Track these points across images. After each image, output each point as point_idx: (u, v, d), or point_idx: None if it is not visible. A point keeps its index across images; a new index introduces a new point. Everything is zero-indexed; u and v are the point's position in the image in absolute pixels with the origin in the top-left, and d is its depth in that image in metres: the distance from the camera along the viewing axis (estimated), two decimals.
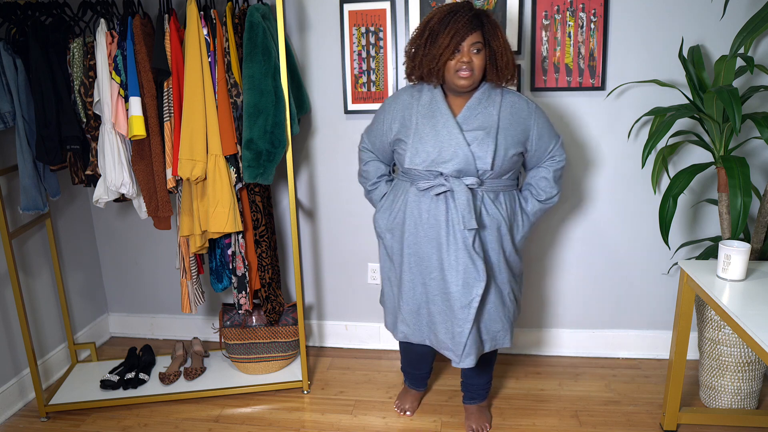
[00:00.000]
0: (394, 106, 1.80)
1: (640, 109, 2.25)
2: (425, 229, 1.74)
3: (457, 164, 1.67)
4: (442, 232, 1.71)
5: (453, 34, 1.59)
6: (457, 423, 2.11)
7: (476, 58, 1.63)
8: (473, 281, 1.70)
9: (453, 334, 1.75)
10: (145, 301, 2.83)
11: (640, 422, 2.08)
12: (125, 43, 1.95)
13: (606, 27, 2.17)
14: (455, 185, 1.67)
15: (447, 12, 1.62)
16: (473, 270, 1.69)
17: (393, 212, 1.83)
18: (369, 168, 1.94)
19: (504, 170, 1.72)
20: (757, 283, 1.68)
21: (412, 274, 1.80)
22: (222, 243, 2.26)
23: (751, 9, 2.10)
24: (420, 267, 1.78)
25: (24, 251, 2.34)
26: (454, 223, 1.68)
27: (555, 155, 1.81)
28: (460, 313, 1.72)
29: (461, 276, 1.70)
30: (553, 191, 1.82)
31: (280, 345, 2.38)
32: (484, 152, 1.66)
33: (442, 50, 1.61)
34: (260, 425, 2.13)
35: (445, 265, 1.72)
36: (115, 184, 2.03)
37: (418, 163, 1.70)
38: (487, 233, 1.74)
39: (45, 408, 2.19)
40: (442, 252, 1.72)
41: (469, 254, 1.68)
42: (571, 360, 2.53)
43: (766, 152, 2.26)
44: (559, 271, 2.49)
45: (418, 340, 1.87)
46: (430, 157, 1.69)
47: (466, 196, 1.67)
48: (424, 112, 1.72)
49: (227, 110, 2.02)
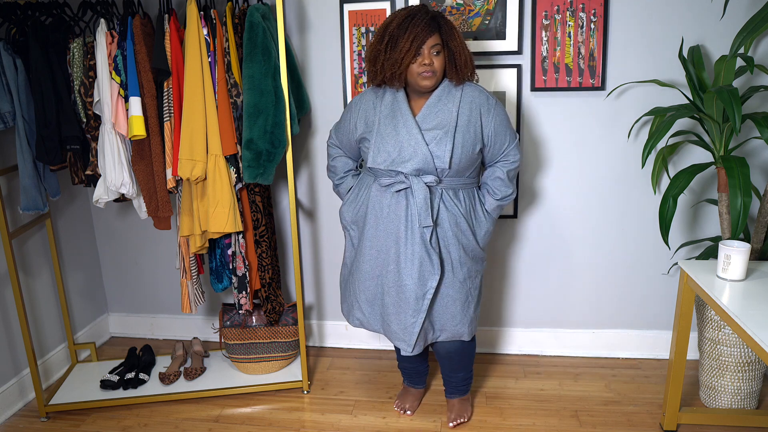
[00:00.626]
0: (359, 105, 1.86)
1: (640, 109, 2.25)
2: (385, 224, 1.80)
3: (416, 163, 1.72)
4: (401, 227, 1.77)
5: (413, 38, 1.64)
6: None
7: (436, 60, 1.68)
8: (428, 274, 1.77)
9: (405, 325, 1.82)
10: (145, 301, 2.83)
11: (640, 422, 2.08)
12: (125, 43, 1.95)
13: (606, 27, 2.17)
14: (414, 183, 1.73)
15: (405, 16, 1.67)
16: (428, 264, 1.76)
17: (357, 205, 1.90)
18: (336, 163, 2.00)
19: (463, 168, 1.77)
20: (757, 283, 1.68)
21: (370, 265, 1.86)
22: (222, 243, 2.26)
23: (751, 9, 2.10)
24: (378, 259, 1.84)
25: (24, 251, 2.34)
26: (413, 219, 1.74)
27: (509, 155, 1.83)
28: (414, 304, 1.79)
29: (416, 269, 1.76)
30: (508, 190, 1.85)
31: (280, 345, 2.38)
32: (442, 152, 1.71)
33: (403, 54, 1.66)
34: (260, 425, 2.13)
35: (401, 258, 1.78)
36: (115, 184, 2.03)
37: (379, 162, 1.76)
38: (446, 229, 1.79)
39: (45, 408, 2.19)
40: (399, 246, 1.78)
41: (426, 249, 1.75)
42: (571, 360, 2.53)
43: (766, 152, 2.26)
44: (559, 272, 2.49)
45: (372, 329, 1.94)
46: (391, 156, 1.75)
47: (423, 194, 1.73)
48: (386, 112, 1.78)
49: (227, 110, 2.02)
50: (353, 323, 1.97)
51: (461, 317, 1.86)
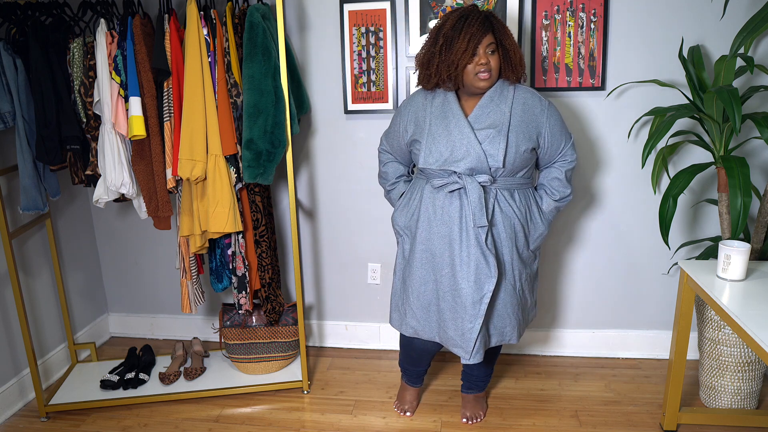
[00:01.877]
0: (408, 108, 1.85)
1: (640, 109, 2.25)
2: (438, 226, 1.77)
3: (469, 162, 1.70)
4: (455, 229, 1.74)
5: (469, 38, 1.63)
6: (457, 423, 2.11)
7: (492, 59, 1.67)
8: (485, 278, 1.73)
9: (463, 331, 1.77)
10: (145, 301, 2.83)
11: (640, 422, 2.08)
12: (125, 43, 1.95)
13: (606, 27, 2.17)
14: (468, 183, 1.71)
15: (458, 17, 1.66)
16: (485, 266, 1.72)
17: (410, 210, 1.87)
18: (388, 169, 1.99)
19: (517, 167, 1.74)
20: (757, 283, 1.68)
21: (424, 270, 1.82)
22: (222, 243, 2.26)
23: (751, 9, 2.10)
24: (432, 263, 1.81)
25: (24, 251, 2.34)
26: (467, 220, 1.72)
27: (566, 155, 1.83)
28: (471, 309, 1.74)
29: (473, 272, 1.72)
30: (566, 191, 1.85)
31: (280, 345, 2.38)
32: (495, 150, 1.69)
33: (459, 55, 1.65)
34: (260, 425, 2.13)
35: (456, 262, 1.74)
36: (115, 184, 2.03)
37: (431, 163, 1.75)
38: (501, 230, 1.76)
39: (45, 408, 2.19)
40: (453, 248, 1.74)
41: (482, 251, 1.71)
42: (571, 360, 2.53)
43: (766, 152, 2.26)
44: (559, 272, 2.49)
45: (427, 337, 1.89)
46: (443, 156, 1.73)
47: (477, 193, 1.70)
48: (437, 113, 1.77)
49: (227, 110, 2.02)
50: (407, 331, 1.91)
51: (512, 321, 1.83)
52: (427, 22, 2.24)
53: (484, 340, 1.80)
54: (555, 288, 2.51)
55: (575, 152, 1.85)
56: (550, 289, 2.51)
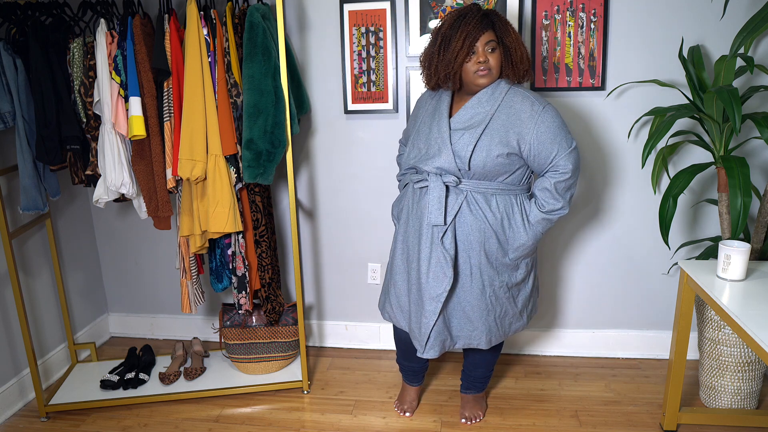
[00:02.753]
0: (416, 106, 1.94)
1: (640, 109, 2.25)
2: (413, 220, 1.83)
3: (438, 162, 1.72)
4: (423, 225, 1.78)
5: (465, 36, 1.63)
6: (456, 423, 2.11)
7: (492, 57, 1.67)
8: (441, 276, 1.75)
9: (420, 325, 1.82)
10: (145, 301, 2.83)
11: (640, 422, 2.08)
12: (125, 43, 1.95)
13: (606, 27, 2.17)
14: (432, 181, 1.74)
15: (456, 16, 1.67)
16: (443, 265, 1.74)
17: (400, 202, 1.95)
18: (400, 160, 2.06)
19: (489, 171, 1.69)
20: (757, 283, 1.68)
21: (401, 261, 1.89)
22: (222, 243, 2.26)
23: (751, 9, 2.10)
24: (406, 256, 1.86)
25: (24, 251, 2.34)
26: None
27: (558, 165, 1.69)
28: (428, 304, 1.78)
29: (432, 269, 1.76)
30: (556, 204, 1.72)
31: (280, 345, 2.38)
32: (464, 151, 1.69)
33: (456, 53, 1.65)
34: (260, 425, 2.13)
35: (422, 257, 1.77)
36: (115, 184, 2.03)
37: (411, 159, 1.83)
38: (468, 233, 1.75)
39: (45, 408, 2.19)
40: (421, 244, 1.78)
41: (440, 250, 1.74)
42: (571, 360, 2.53)
43: (766, 152, 2.26)
44: (559, 272, 2.49)
45: (399, 325, 1.95)
46: (420, 153, 1.79)
47: (438, 192, 1.72)
48: (430, 112, 1.82)
49: (227, 110, 2.02)
50: (385, 316, 2.00)
51: (479, 326, 1.82)
52: (427, 22, 2.24)
53: (442, 338, 1.82)
54: (555, 288, 2.51)
55: (571, 163, 1.69)
56: (550, 289, 2.51)
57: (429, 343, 1.81)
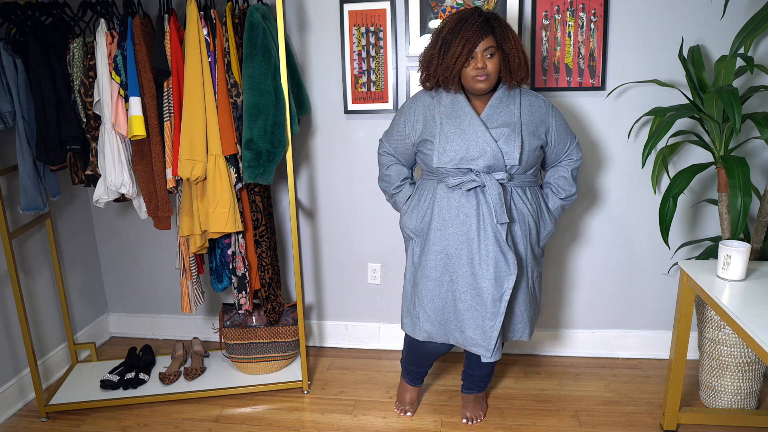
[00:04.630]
0: (415, 108, 1.83)
1: (640, 109, 2.25)
2: (454, 226, 1.77)
3: (486, 160, 1.71)
4: (473, 227, 1.74)
5: (465, 41, 1.63)
6: (457, 423, 2.11)
7: (490, 63, 1.67)
8: (504, 275, 1.74)
9: (484, 330, 1.78)
10: (145, 301, 2.83)
11: (640, 422, 2.08)
12: (125, 43, 1.95)
13: (606, 27, 2.17)
14: (487, 180, 1.71)
15: (457, 20, 1.66)
16: (504, 264, 1.73)
17: (420, 212, 1.85)
18: (391, 172, 1.94)
19: (529, 165, 1.77)
20: (757, 283, 1.68)
21: (438, 271, 1.81)
22: (222, 243, 2.26)
23: (751, 9, 2.10)
24: (447, 264, 1.80)
25: (24, 251, 2.34)
26: (486, 217, 1.72)
27: (572, 154, 1.87)
28: (492, 307, 1.75)
29: (492, 270, 1.73)
30: (572, 189, 1.88)
31: (280, 345, 2.38)
32: (511, 148, 1.71)
33: (455, 58, 1.65)
34: (260, 425, 2.13)
35: (475, 261, 1.74)
36: (115, 184, 2.03)
37: (446, 162, 1.74)
38: (517, 227, 1.78)
39: (45, 408, 2.19)
40: (472, 248, 1.74)
41: (501, 248, 1.72)
42: (571, 360, 2.53)
43: (766, 152, 2.26)
44: (560, 272, 2.49)
45: (441, 339, 1.88)
46: (458, 155, 1.72)
47: (497, 190, 1.71)
48: (447, 112, 1.76)
49: (227, 110, 2.02)
50: (420, 336, 1.88)
51: (524, 318, 1.84)
52: (427, 22, 2.24)
53: (502, 337, 1.82)
54: (555, 288, 2.51)
55: (580, 151, 1.89)
56: (550, 289, 2.51)
57: (496, 346, 1.78)
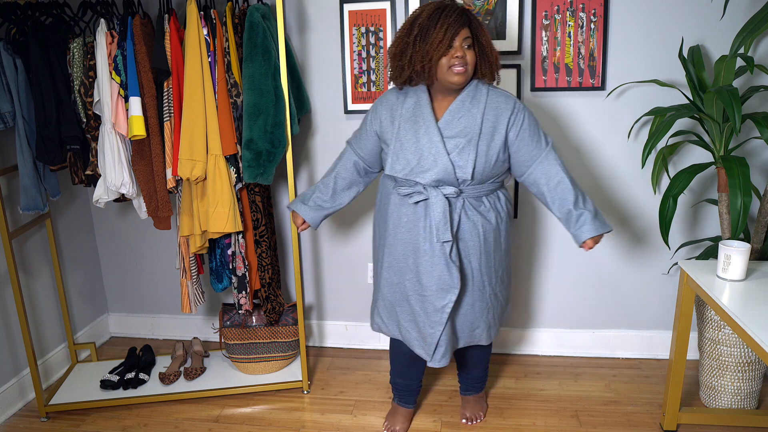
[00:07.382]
0: (379, 107, 1.78)
1: (640, 109, 2.25)
2: (403, 233, 1.75)
3: (435, 174, 1.64)
4: (420, 238, 1.71)
5: (446, 28, 1.56)
6: (457, 423, 2.11)
7: (468, 54, 1.60)
8: (447, 287, 1.71)
9: (424, 336, 1.77)
10: (145, 301, 2.83)
11: (640, 422, 2.08)
12: (125, 43, 1.95)
13: (606, 27, 2.17)
14: (432, 195, 1.66)
15: (435, 8, 1.60)
16: (448, 278, 1.70)
17: (381, 211, 1.86)
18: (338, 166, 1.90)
19: (487, 177, 1.69)
20: (757, 283, 1.68)
21: (388, 272, 1.82)
22: (222, 243, 2.26)
23: (751, 9, 2.10)
24: (395, 267, 1.79)
25: (24, 251, 2.34)
26: (432, 231, 1.68)
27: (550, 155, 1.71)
28: (433, 315, 1.73)
29: (435, 282, 1.70)
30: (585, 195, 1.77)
31: (280, 345, 2.38)
32: (464, 161, 1.63)
33: (435, 45, 1.57)
34: (260, 425, 2.13)
35: (421, 270, 1.72)
36: (115, 184, 2.03)
37: (398, 170, 1.69)
38: (467, 240, 1.72)
39: (45, 408, 2.19)
40: (418, 256, 1.72)
41: (446, 264, 1.69)
42: (571, 360, 2.53)
43: (766, 152, 2.26)
44: (559, 272, 2.49)
45: (390, 334, 1.90)
46: (410, 165, 1.67)
47: (441, 207, 1.65)
48: (408, 116, 1.70)
49: (227, 110, 2.02)
50: (373, 326, 1.94)
51: (481, 324, 1.82)
52: None
53: (450, 344, 1.79)
54: (555, 288, 2.51)
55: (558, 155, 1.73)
56: (550, 289, 2.51)
57: (437, 352, 1.76)
